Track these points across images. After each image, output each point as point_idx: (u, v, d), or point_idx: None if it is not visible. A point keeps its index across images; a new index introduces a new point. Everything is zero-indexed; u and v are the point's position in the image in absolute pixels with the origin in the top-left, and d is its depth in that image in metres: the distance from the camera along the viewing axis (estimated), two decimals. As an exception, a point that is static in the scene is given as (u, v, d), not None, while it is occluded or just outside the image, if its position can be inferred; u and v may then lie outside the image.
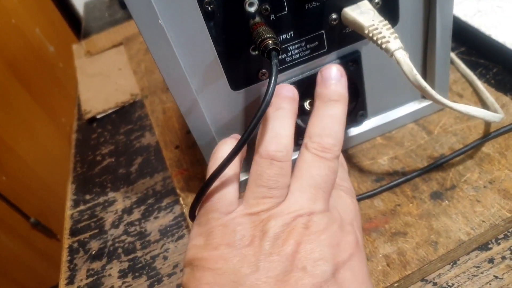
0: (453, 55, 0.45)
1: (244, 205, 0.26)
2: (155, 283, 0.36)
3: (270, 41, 0.27)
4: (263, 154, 0.27)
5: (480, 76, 0.43)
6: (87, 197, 0.47)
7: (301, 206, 0.25)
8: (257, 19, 0.29)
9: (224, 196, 0.27)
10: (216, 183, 0.27)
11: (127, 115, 0.59)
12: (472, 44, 0.47)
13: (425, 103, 0.40)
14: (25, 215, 1.29)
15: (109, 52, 0.75)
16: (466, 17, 0.48)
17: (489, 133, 0.36)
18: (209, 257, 0.24)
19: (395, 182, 0.35)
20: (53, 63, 1.38)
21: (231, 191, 0.27)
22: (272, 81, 0.25)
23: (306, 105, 0.36)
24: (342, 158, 0.34)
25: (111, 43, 0.78)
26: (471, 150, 0.36)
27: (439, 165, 0.36)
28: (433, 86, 0.38)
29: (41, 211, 1.33)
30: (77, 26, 1.24)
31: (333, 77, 0.30)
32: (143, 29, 0.26)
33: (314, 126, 0.29)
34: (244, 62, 0.31)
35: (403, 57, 0.28)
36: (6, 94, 1.21)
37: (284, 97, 0.30)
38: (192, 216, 0.29)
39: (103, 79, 0.68)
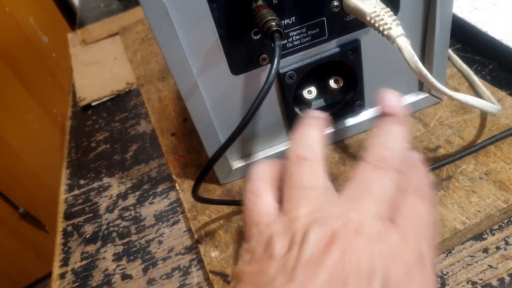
0: (449, 50, 0.46)
1: (282, 212, 0.25)
2: (150, 267, 0.36)
3: (273, 23, 0.27)
4: (291, 157, 0.26)
5: (476, 73, 0.43)
6: (82, 182, 0.47)
7: (347, 210, 0.23)
8: (260, 2, 0.29)
9: (263, 209, 0.26)
10: (252, 197, 0.27)
11: (122, 103, 0.58)
12: (468, 41, 0.48)
13: (422, 95, 0.40)
14: (14, 205, 1.28)
15: (105, 42, 0.75)
16: (462, 14, 0.49)
17: (494, 135, 0.36)
18: (248, 271, 0.24)
19: (391, 172, 0.35)
20: (46, 53, 1.36)
21: (269, 201, 0.26)
22: (275, 62, 0.25)
23: (305, 93, 0.36)
24: (419, 163, 0.29)
25: (106, 32, 0.77)
26: (466, 143, 0.36)
27: (436, 167, 0.36)
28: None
29: (31, 202, 1.32)
30: (72, 17, 1.23)
31: None
32: (146, 7, 0.26)
33: (375, 142, 0.27)
34: (245, 46, 0.31)
35: (405, 44, 0.28)
36: (-3, 83, 1.20)
37: (311, 115, 0.29)
38: (195, 194, 0.30)
39: (98, 68, 0.67)
